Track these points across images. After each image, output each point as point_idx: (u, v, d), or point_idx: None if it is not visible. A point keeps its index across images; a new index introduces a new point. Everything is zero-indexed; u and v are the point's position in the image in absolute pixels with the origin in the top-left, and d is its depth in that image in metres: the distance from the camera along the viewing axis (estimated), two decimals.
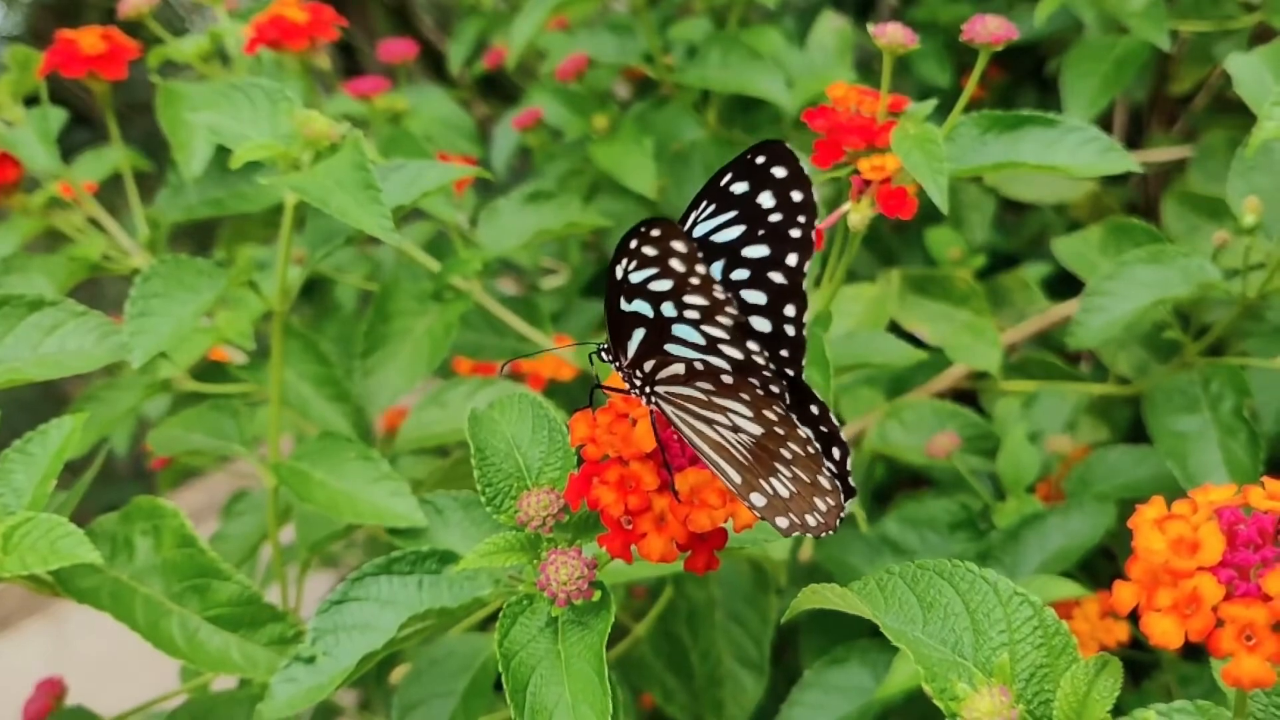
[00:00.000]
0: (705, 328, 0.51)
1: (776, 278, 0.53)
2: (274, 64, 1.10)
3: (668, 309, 0.51)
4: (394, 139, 1.09)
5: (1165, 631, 0.44)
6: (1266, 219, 0.86)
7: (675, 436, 0.57)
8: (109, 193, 1.16)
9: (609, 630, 0.57)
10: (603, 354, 0.56)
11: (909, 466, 1.10)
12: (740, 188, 0.53)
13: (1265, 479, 0.47)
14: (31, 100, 1.00)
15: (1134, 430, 1.01)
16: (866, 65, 1.44)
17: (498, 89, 2.04)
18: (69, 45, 0.97)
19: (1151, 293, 0.88)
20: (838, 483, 0.54)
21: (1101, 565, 1.04)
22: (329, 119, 0.76)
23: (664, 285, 0.50)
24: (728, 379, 0.52)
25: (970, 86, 0.76)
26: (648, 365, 0.54)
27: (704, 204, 0.54)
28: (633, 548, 0.55)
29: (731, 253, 0.53)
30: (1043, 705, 0.50)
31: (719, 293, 0.49)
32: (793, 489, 0.54)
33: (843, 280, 0.84)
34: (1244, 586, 0.44)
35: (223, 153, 0.94)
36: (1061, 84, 1.13)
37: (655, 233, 0.48)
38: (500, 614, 0.58)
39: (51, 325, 0.75)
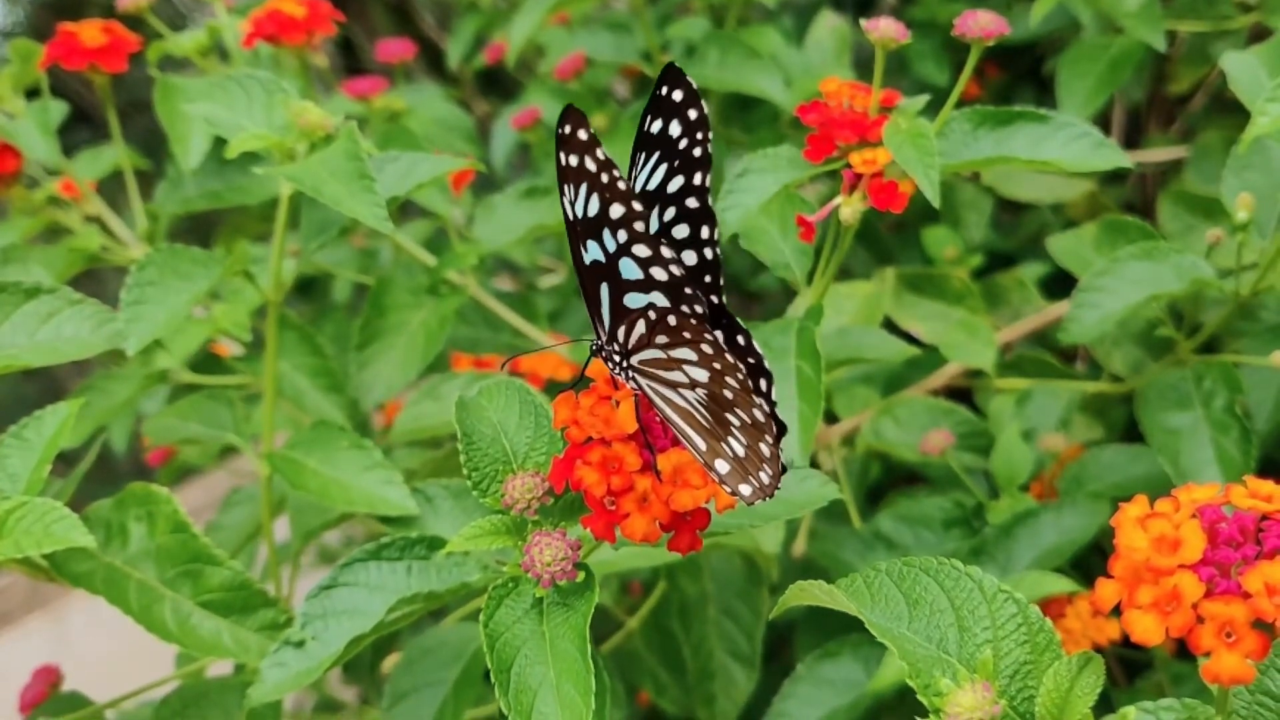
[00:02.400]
0: (635, 250, 0.52)
1: (692, 202, 0.55)
2: (272, 61, 1.11)
3: (609, 241, 0.52)
4: (390, 134, 1.09)
5: (1146, 629, 0.44)
6: (1260, 216, 0.87)
7: (657, 418, 0.57)
8: (109, 188, 1.16)
9: (592, 610, 0.57)
10: (594, 347, 0.57)
11: (904, 464, 1.11)
12: (656, 126, 0.54)
13: (1247, 477, 0.47)
14: (37, 94, 1.01)
15: (1129, 428, 1.01)
16: (865, 65, 1.44)
17: (498, 85, 2.04)
18: (70, 38, 0.97)
19: (1144, 289, 0.88)
20: (769, 417, 0.54)
21: (1095, 563, 1.04)
22: (323, 110, 0.76)
23: (595, 205, 0.51)
24: (672, 320, 0.53)
25: (962, 81, 0.76)
26: (621, 333, 0.55)
27: (637, 156, 0.55)
28: (616, 528, 0.56)
29: (660, 196, 0.55)
30: (1026, 701, 0.50)
31: (621, 184, 0.50)
32: (745, 441, 0.54)
33: (835, 275, 0.84)
34: (1224, 584, 0.44)
35: (220, 146, 0.94)
36: (1057, 84, 1.13)
37: (566, 129, 0.50)
38: (486, 596, 0.59)
39: (48, 313, 0.76)
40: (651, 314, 0.53)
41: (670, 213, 0.56)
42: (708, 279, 0.56)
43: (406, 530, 0.76)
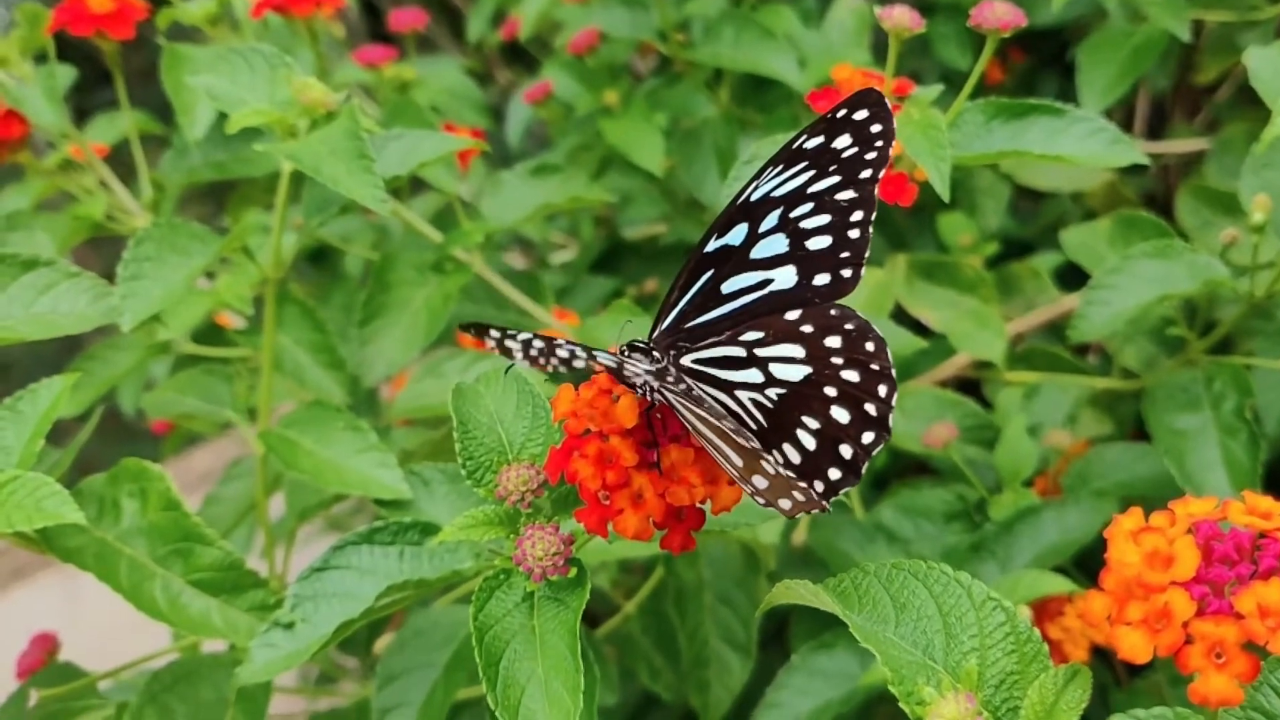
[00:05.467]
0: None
1: (846, 195, 0.57)
2: (284, 29, 1.10)
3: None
4: (398, 108, 1.08)
5: (1133, 645, 0.43)
6: (1277, 217, 0.85)
7: (658, 414, 0.56)
8: (126, 154, 1.16)
9: (584, 606, 0.57)
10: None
11: (909, 454, 1.10)
12: (815, 142, 0.57)
13: (1246, 493, 0.46)
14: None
15: (1139, 424, 1.00)
16: (884, 47, 1.42)
17: (522, 55, 2.02)
18: (77, 4, 0.96)
19: (1156, 288, 0.86)
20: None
21: (1100, 561, 1.03)
22: (326, 87, 0.75)
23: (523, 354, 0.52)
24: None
25: (976, 73, 0.75)
26: None
27: (769, 170, 0.58)
28: (609, 524, 0.55)
29: (794, 195, 0.58)
30: (1010, 713, 0.49)
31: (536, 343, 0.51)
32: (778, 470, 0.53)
33: None
34: (1216, 603, 0.43)
35: (226, 116, 0.93)
36: (1077, 72, 1.11)
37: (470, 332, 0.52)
38: (477, 587, 0.58)
39: (45, 285, 0.75)
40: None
41: (806, 206, 0.57)
42: (845, 255, 0.57)
43: (401, 512, 0.76)
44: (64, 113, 0.98)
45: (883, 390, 0.55)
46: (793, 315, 0.57)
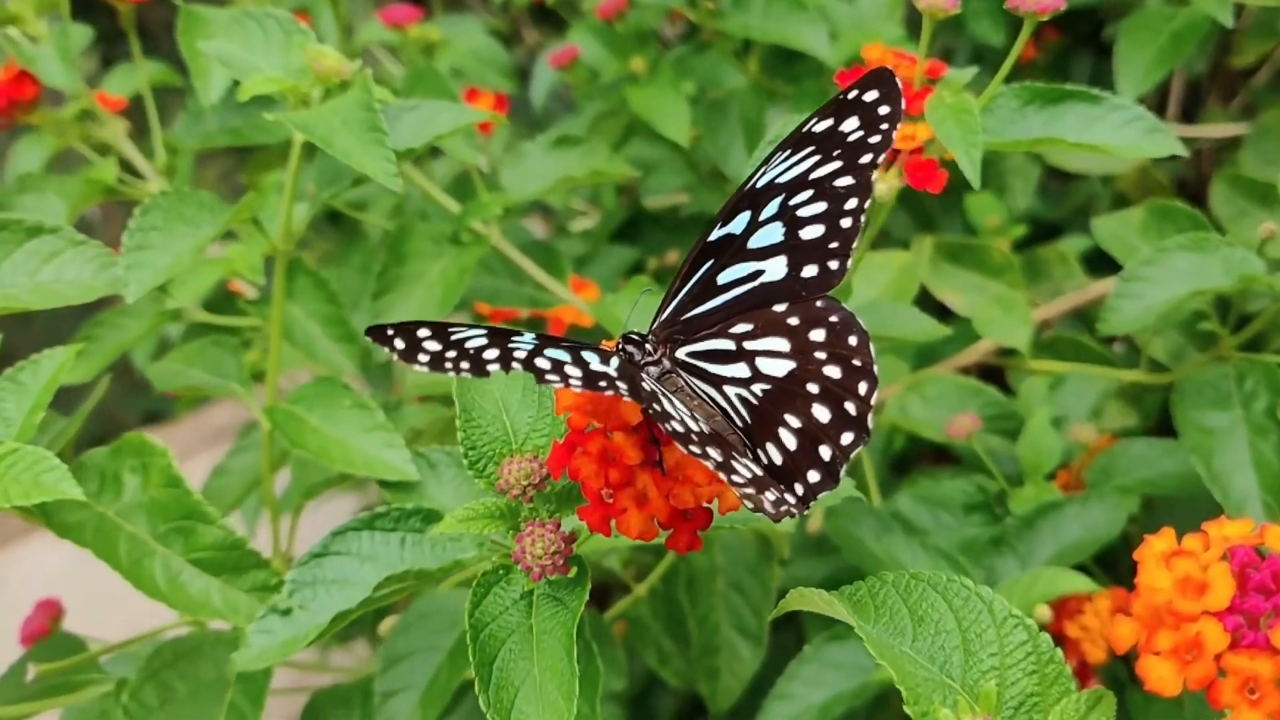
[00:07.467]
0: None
1: (844, 181, 0.55)
2: None
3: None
4: (418, 76, 1.05)
5: (1162, 677, 0.41)
6: None
7: None
8: (142, 116, 1.14)
9: (583, 608, 0.55)
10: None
11: (929, 441, 1.07)
12: (824, 125, 0.55)
13: None
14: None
15: (1164, 418, 0.98)
16: (918, 21, 1.39)
17: (550, 16, 1.99)
18: None
19: (1190, 282, 0.84)
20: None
21: (1123, 558, 1.00)
22: (341, 55, 0.73)
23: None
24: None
25: (1012, 57, 0.73)
26: None
27: (776, 155, 0.56)
28: (612, 522, 0.53)
29: (797, 182, 0.56)
30: None
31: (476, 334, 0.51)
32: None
33: (868, 246, 0.81)
34: (1251, 636, 0.41)
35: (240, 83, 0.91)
36: (1114, 55, 1.08)
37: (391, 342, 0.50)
38: (474, 584, 0.57)
39: (50, 253, 0.73)
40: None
41: (805, 194, 0.56)
42: (834, 245, 0.55)
43: (406, 495, 0.74)
44: (77, 74, 0.96)
45: (863, 388, 0.53)
46: (780, 308, 0.56)
